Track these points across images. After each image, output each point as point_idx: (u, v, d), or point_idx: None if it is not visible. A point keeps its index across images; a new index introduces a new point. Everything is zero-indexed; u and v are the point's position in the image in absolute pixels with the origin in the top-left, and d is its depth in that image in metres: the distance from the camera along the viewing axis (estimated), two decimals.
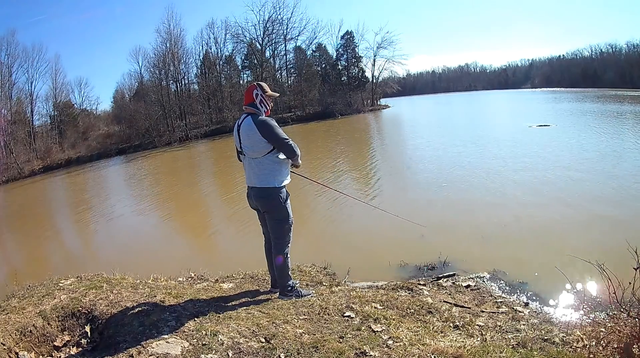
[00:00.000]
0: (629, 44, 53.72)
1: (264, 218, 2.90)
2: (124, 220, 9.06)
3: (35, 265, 6.33)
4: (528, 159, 9.40)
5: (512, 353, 1.99)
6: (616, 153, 9.35)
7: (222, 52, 35.34)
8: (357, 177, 10.10)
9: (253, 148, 2.65)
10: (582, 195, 6.32)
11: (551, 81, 64.61)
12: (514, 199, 6.48)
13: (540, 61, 78.19)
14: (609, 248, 3.84)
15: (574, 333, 2.24)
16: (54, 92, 29.32)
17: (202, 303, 2.71)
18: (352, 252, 4.82)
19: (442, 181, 8.17)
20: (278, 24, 35.74)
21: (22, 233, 9.22)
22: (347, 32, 38.22)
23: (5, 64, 25.84)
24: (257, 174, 2.70)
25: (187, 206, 9.46)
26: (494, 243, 4.74)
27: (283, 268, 2.86)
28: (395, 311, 2.68)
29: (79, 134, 29.42)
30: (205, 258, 5.27)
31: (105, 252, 6.66)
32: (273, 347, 2.03)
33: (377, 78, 40.78)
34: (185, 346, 2.01)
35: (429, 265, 4.19)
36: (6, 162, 22.18)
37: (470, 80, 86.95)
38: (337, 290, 3.19)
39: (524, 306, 3.09)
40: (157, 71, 31.76)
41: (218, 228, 7.28)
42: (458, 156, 10.92)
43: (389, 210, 4.94)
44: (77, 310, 2.49)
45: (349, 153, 14.58)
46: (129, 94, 35.18)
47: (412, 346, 2.07)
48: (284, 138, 2.64)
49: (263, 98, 2.73)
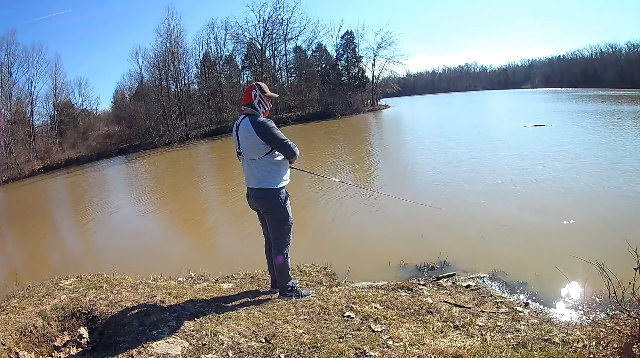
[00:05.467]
0: (629, 44, 53.85)
1: (264, 219, 2.90)
2: (124, 220, 9.06)
3: (35, 265, 6.32)
4: (527, 159, 9.40)
5: (512, 353, 1.99)
6: (615, 152, 9.34)
7: (222, 52, 35.41)
8: (357, 182, 10.10)
9: (251, 149, 2.65)
10: (581, 195, 6.32)
11: (551, 81, 64.64)
12: (514, 199, 6.48)
13: (540, 61, 78.34)
14: (609, 248, 3.83)
15: (574, 333, 2.25)
16: (54, 92, 29.36)
17: (202, 303, 2.71)
18: (352, 252, 4.82)
19: (440, 181, 8.17)
20: (278, 24, 35.79)
21: (22, 233, 9.22)
22: (347, 32, 38.27)
23: (5, 64, 25.86)
24: (255, 175, 2.70)
25: (187, 206, 9.45)
26: (494, 243, 4.74)
27: (283, 268, 2.86)
28: (395, 312, 2.68)
29: (79, 134, 29.41)
30: (205, 258, 5.27)
31: (105, 252, 6.65)
32: (273, 347, 2.03)
33: (377, 78, 40.82)
34: (185, 346, 2.01)
35: (429, 265, 4.19)
36: (6, 162, 22.17)
37: (470, 80, 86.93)
38: (337, 290, 3.19)
39: (524, 306, 3.09)
40: (157, 71, 31.75)
41: (218, 228, 7.27)
42: (458, 156, 10.92)
43: (401, 196, 4.86)
44: (77, 310, 2.49)
45: (349, 153, 14.58)
46: (129, 94, 35.18)
47: (412, 346, 2.07)
48: (282, 139, 2.63)
49: (262, 99, 2.72)
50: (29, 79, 27.40)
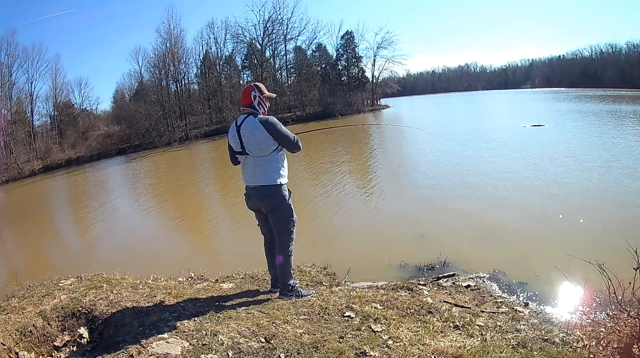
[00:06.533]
0: (629, 44, 53.96)
1: (263, 218, 2.90)
2: (124, 220, 9.06)
3: (35, 265, 6.32)
4: (526, 159, 9.39)
5: (512, 353, 1.99)
6: (616, 152, 9.34)
7: (222, 52, 35.43)
8: (357, 182, 10.10)
9: (259, 146, 2.65)
10: (582, 195, 6.32)
11: (551, 81, 64.65)
12: (514, 199, 6.48)
13: (540, 61, 78.41)
14: (609, 248, 3.83)
15: (574, 333, 2.25)
16: (54, 92, 29.40)
17: (202, 303, 2.71)
18: (352, 252, 4.82)
19: (440, 181, 8.17)
20: (278, 24, 35.82)
21: (22, 233, 9.22)
22: (347, 32, 38.29)
23: (5, 64, 25.88)
24: (261, 172, 2.70)
25: (187, 206, 9.45)
26: (494, 243, 4.74)
27: (286, 266, 2.86)
28: (395, 312, 2.68)
29: (79, 134, 29.42)
30: (205, 258, 5.27)
31: (105, 252, 6.66)
32: (273, 347, 2.03)
33: (377, 78, 40.85)
34: (185, 346, 2.01)
35: (429, 265, 4.19)
36: (6, 162, 22.17)
37: (470, 80, 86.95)
38: (337, 290, 3.19)
39: (524, 306, 3.08)
40: (157, 71, 31.75)
41: (218, 228, 7.27)
42: (458, 155, 10.92)
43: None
44: (77, 310, 2.49)
45: (349, 153, 14.58)
46: (129, 94, 35.23)
47: (412, 346, 2.07)
48: (289, 134, 2.72)
49: (261, 99, 2.74)
50: (29, 79, 27.48)
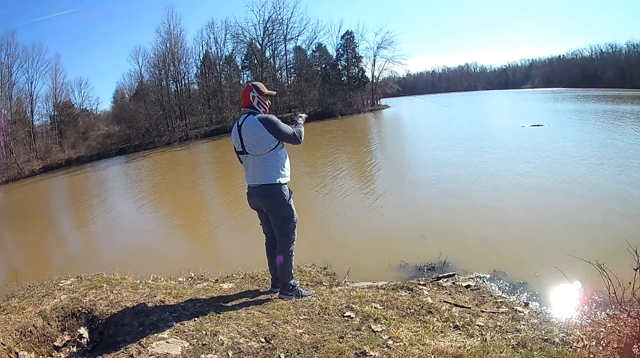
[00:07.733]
0: (629, 44, 53.92)
1: (264, 218, 2.91)
2: (124, 220, 9.06)
3: (35, 265, 6.32)
4: (526, 159, 9.39)
5: (512, 353, 1.99)
6: (616, 152, 9.33)
7: (222, 52, 35.34)
8: (357, 182, 10.10)
9: (259, 144, 2.67)
10: (582, 195, 6.32)
11: (551, 81, 64.62)
12: (513, 199, 6.48)
13: (540, 61, 78.31)
14: (609, 248, 3.83)
15: (574, 333, 2.25)
16: (54, 92, 29.30)
17: (202, 303, 2.71)
18: (352, 252, 4.82)
19: (440, 181, 8.17)
20: (278, 24, 35.71)
21: (22, 233, 9.22)
22: (347, 32, 38.23)
23: (5, 64, 25.79)
24: (261, 171, 2.71)
25: (187, 206, 9.45)
26: (494, 243, 4.74)
27: (287, 266, 2.87)
28: (395, 312, 2.68)
29: (79, 134, 29.38)
30: (205, 258, 5.27)
31: (105, 252, 6.66)
32: (273, 347, 2.03)
33: (377, 78, 40.79)
34: (185, 346, 2.01)
35: (429, 265, 4.19)
36: (6, 162, 22.15)
37: (470, 80, 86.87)
38: (337, 290, 3.19)
39: (524, 306, 3.09)
40: (157, 71, 31.69)
41: (218, 228, 7.27)
42: (457, 156, 10.92)
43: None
44: (77, 310, 2.49)
45: (349, 153, 14.59)
46: (129, 94, 35.13)
47: (412, 346, 2.07)
48: (288, 129, 2.75)
49: (260, 99, 2.78)
50: (29, 79, 27.39)
